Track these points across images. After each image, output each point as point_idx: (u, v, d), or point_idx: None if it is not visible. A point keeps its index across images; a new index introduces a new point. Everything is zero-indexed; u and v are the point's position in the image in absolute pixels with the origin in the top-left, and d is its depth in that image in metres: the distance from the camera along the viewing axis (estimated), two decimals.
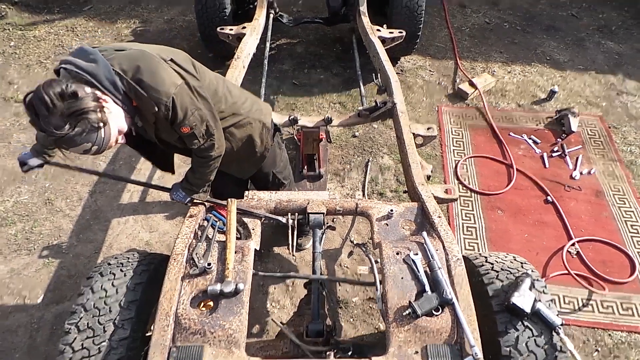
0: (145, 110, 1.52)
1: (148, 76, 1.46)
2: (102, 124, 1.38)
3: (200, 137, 1.67)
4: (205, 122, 1.66)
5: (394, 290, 1.58)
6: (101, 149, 1.43)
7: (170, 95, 1.49)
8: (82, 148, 1.38)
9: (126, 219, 3.01)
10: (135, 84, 1.45)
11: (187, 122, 1.58)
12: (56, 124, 1.29)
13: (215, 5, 3.62)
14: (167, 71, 1.52)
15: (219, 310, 1.51)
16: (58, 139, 1.32)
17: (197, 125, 1.62)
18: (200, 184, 1.87)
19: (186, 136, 1.64)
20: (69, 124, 1.30)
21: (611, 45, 4.58)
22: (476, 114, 3.81)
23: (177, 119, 1.56)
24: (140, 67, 1.46)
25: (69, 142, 1.35)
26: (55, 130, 1.29)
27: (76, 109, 1.31)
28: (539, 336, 1.49)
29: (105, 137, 1.41)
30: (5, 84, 3.99)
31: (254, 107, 1.99)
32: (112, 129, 1.43)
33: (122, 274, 1.60)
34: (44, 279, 2.69)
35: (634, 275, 2.70)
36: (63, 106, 1.29)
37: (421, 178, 2.08)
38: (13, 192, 3.16)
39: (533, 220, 3.00)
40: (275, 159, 2.26)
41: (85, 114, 1.32)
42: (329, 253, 2.83)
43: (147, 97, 1.46)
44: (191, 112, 1.58)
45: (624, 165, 3.38)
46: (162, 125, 1.61)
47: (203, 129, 1.66)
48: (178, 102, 1.52)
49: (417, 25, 3.72)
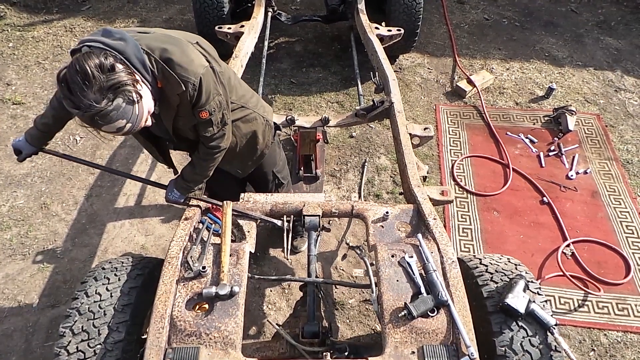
0: (170, 92, 1.49)
1: (177, 55, 1.45)
2: (137, 98, 1.33)
3: (216, 125, 1.65)
4: (222, 110, 1.65)
5: (390, 293, 1.59)
6: (134, 128, 1.37)
7: (199, 75, 1.48)
8: (117, 125, 1.31)
9: (122, 222, 3.02)
10: (163, 63, 1.42)
11: (207, 106, 1.56)
12: (94, 97, 1.23)
13: (214, 4, 3.62)
14: (195, 52, 1.52)
15: (215, 313, 1.52)
16: (95, 114, 1.25)
17: (215, 111, 1.61)
18: (198, 180, 1.84)
19: (203, 122, 1.61)
20: (107, 97, 1.24)
21: (610, 41, 4.56)
22: (474, 112, 3.80)
23: (200, 101, 1.54)
24: (169, 47, 1.45)
25: (105, 118, 1.27)
26: (95, 104, 1.23)
27: (115, 81, 1.26)
28: (533, 336, 1.50)
29: (139, 114, 1.36)
30: (3, 85, 3.98)
31: (259, 104, 2.01)
32: (145, 106, 1.39)
33: (116, 278, 1.60)
34: (39, 283, 2.69)
35: (629, 276, 2.70)
36: (102, 79, 1.23)
37: (417, 179, 2.08)
38: (9, 196, 3.16)
39: (529, 222, 3.00)
40: (275, 158, 2.27)
41: (123, 86, 1.27)
42: (324, 255, 2.84)
43: (175, 77, 1.44)
44: (212, 97, 1.57)
45: (620, 165, 3.38)
46: (184, 109, 1.57)
47: (219, 117, 1.65)
48: (204, 84, 1.51)
49: (415, 23, 3.71)
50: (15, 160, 3.31)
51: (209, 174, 1.85)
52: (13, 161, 3.37)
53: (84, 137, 3.55)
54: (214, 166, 1.83)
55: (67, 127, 3.56)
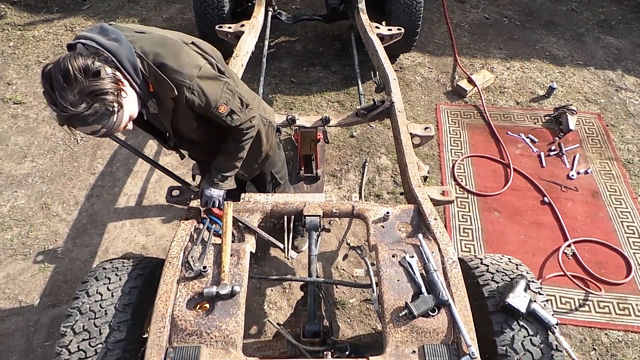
0: (164, 96, 1.47)
1: (170, 59, 1.42)
2: (117, 108, 1.31)
3: (239, 111, 1.63)
4: (237, 94, 1.63)
5: (390, 292, 1.59)
6: (109, 133, 1.36)
7: (194, 78, 1.45)
8: (91, 129, 1.30)
9: (122, 222, 3.02)
10: (156, 68, 1.41)
11: (221, 100, 1.55)
12: (73, 100, 1.21)
13: (214, 3, 3.61)
14: (189, 54, 1.48)
15: (215, 312, 1.52)
16: (70, 116, 1.24)
17: (231, 100, 1.59)
18: (231, 168, 1.82)
19: (226, 115, 1.60)
20: (85, 102, 1.23)
21: (611, 40, 4.56)
22: (474, 112, 3.80)
23: (211, 101, 1.52)
24: (162, 50, 1.43)
25: (79, 121, 1.27)
26: (71, 107, 1.21)
27: (96, 88, 1.24)
28: (534, 335, 1.51)
29: (116, 121, 1.34)
30: (3, 84, 3.98)
31: (261, 105, 2.00)
32: (125, 114, 1.37)
33: (117, 278, 1.61)
34: (39, 283, 2.70)
35: (629, 276, 2.70)
36: (84, 83, 1.22)
37: (418, 179, 2.08)
38: (10, 197, 3.16)
39: (529, 222, 3.00)
40: (275, 159, 2.26)
41: (104, 94, 1.26)
42: (325, 255, 2.84)
43: (168, 81, 1.42)
44: (221, 89, 1.55)
45: (621, 164, 3.37)
46: (181, 110, 1.54)
47: (237, 102, 1.63)
48: (204, 85, 1.49)
49: (415, 22, 3.71)
50: (15, 160, 3.35)
51: (242, 158, 1.82)
52: (14, 161, 3.37)
53: (85, 136, 3.56)
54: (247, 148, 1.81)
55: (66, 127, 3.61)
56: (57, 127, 3.63)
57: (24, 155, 3.42)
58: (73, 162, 3.38)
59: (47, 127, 3.63)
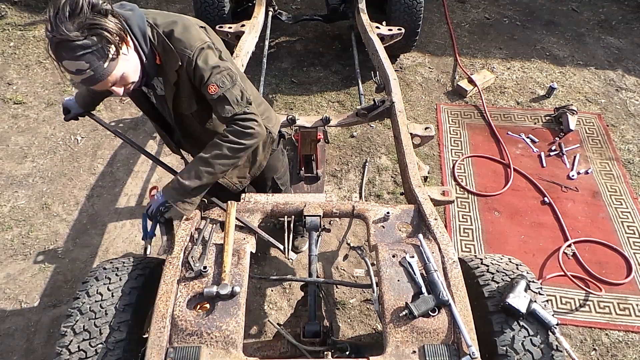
0: (169, 69, 1.46)
1: (179, 31, 1.45)
2: (113, 54, 1.28)
3: (234, 103, 1.46)
4: (239, 86, 1.49)
5: (391, 293, 1.58)
6: (94, 80, 1.29)
7: (195, 49, 1.43)
8: (77, 66, 1.24)
9: (123, 223, 3.02)
10: (165, 37, 1.43)
11: (213, 79, 1.44)
12: (69, 27, 1.18)
13: (214, 4, 3.62)
14: (198, 31, 1.50)
15: (216, 312, 1.52)
16: (60, 41, 1.20)
17: (228, 86, 1.46)
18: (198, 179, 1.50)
19: (215, 100, 1.46)
20: (81, 32, 1.20)
21: (611, 40, 4.56)
22: (474, 112, 3.80)
23: (202, 74, 1.44)
24: (173, 24, 1.46)
25: (67, 51, 1.22)
26: (66, 31, 1.18)
27: (97, 23, 1.22)
28: (534, 336, 1.50)
29: (106, 69, 1.29)
30: (4, 84, 3.99)
31: (265, 113, 1.94)
32: (118, 68, 1.32)
33: (117, 278, 1.60)
34: (40, 283, 2.70)
35: (630, 276, 2.70)
36: (88, 15, 1.20)
37: (418, 179, 2.08)
38: (10, 197, 3.16)
39: (530, 222, 3.00)
40: (277, 165, 2.24)
41: (104, 31, 1.23)
42: (325, 255, 2.84)
43: (174, 51, 1.42)
44: (218, 70, 1.46)
45: (622, 165, 3.37)
46: (184, 88, 1.51)
47: (236, 93, 1.48)
48: (202, 57, 1.44)
49: (416, 22, 3.71)
50: (16, 160, 3.35)
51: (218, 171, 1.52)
52: (14, 161, 3.38)
53: (85, 136, 3.56)
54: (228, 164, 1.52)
55: (68, 127, 3.62)
56: (57, 127, 3.63)
57: (25, 156, 3.42)
58: (73, 162, 3.38)
59: (47, 127, 3.64)
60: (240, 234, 1.80)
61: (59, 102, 3.81)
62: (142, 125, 3.67)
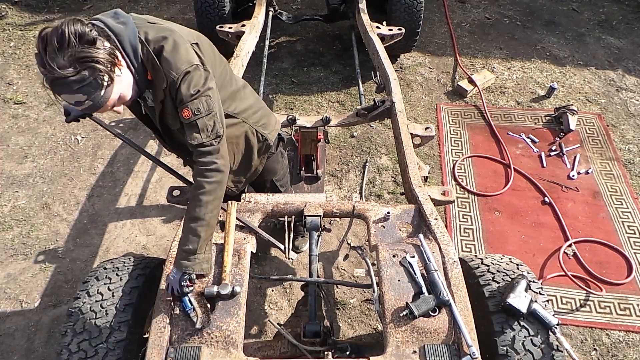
0: (158, 86, 1.48)
1: (169, 50, 1.43)
2: (107, 81, 1.29)
3: (203, 132, 1.48)
4: (213, 117, 1.50)
5: (391, 293, 1.59)
6: (94, 108, 1.32)
7: (181, 72, 1.43)
8: (75, 99, 1.27)
9: (123, 222, 3.02)
10: (154, 55, 1.42)
11: (190, 104, 1.45)
12: (62, 63, 1.20)
13: (215, 4, 3.62)
14: (188, 50, 1.48)
15: (216, 312, 1.52)
16: (56, 79, 1.22)
17: (202, 114, 1.47)
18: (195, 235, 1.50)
19: (187, 124, 1.48)
20: (73, 67, 1.21)
21: (611, 40, 4.56)
22: (475, 112, 3.80)
23: (180, 96, 1.45)
24: (164, 41, 1.44)
25: (63, 87, 1.24)
26: (58, 69, 1.19)
27: (88, 55, 1.22)
28: (535, 336, 1.51)
29: (103, 97, 1.31)
30: (4, 84, 3.99)
31: (261, 120, 1.93)
32: (114, 92, 1.35)
33: (117, 278, 1.61)
34: (40, 283, 2.70)
35: (630, 276, 2.70)
36: (77, 47, 1.21)
37: (418, 179, 2.08)
38: (11, 197, 3.16)
39: (530, 222, 3.00)
40: (275, 168, 2.23)
41: (95, 63, 1.24)
42: (325, 255, 2.84)
43: (162, 71, 1.43)
44: (198, 95, 1.46)
45: (622, 165, 3.37)
46: (168, 106, 1.53)
47: (209, 123, 1.49)
48: (186, 81, 1.44)
49: (416, 22, 3.71)
50: (16, 160, 3.35)
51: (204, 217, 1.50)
52: (15, 161, 3.38)
53: (85, 136, 3.56)
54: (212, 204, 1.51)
55: (68, 127, 3.62)
56: (57, 127, 3.63)
57: (25, 156, 3.42)
58: (74, 162, 3.39)
59: (47, 127, 3.64)
60: (241, 233, 1.80)
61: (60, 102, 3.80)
62: (142, 125, 3.64)
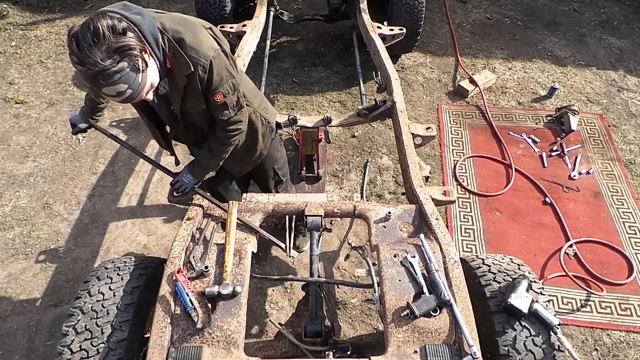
0: (178, 73, 1.52)
1: (189, 36, 1.49)
2: (143, 66, 1.34)
3: (231, 108, 1.68)
4: (237, 93, 1.68)
5: (392, 293, 1.59)
6: (134, 95, 1.37)
7: (209, 58, 1.51)
8: (117, 89, 1.31)
9: (124, 222, 3.02)
10: (175, 43, 1.46)
11: (221, 88, 1.60)
12: (101, 56, 1.23)
13: (216, 4, 3.62)
14: (206, 35, 1.56)
15: (217, 312, 1.52)
16: (98, 72, 1.25)
17: (230, 94, 1.64)
18: (214, 165, 1.89)
19: (218, 105, 1.65)
20: (112, 58, 1.25)
21: (613, 40, 4.55)
22: (476, 112, 3.79)
23: (213, 84, 1.57)
24: (182, 28, 1.49)
25: (107, 78, 1.27)
26: (100, 61, 1.22)
27: (124, 44, 1.26)
28: (536, 336, 1.50)
29: (141, 82, 1.36)
30: (5, 84, 3.99)
31: (262, 105, 2.04)
32: (149, 77, 1.39)
33: (119, 277, 1.61)
34: (41, 283, 2.70)
35: (631, 276, 2.70)
36: (112, 39, 1.24)
37: (419, 179, 2.08)
38: (12, 196, 3.17)
39: (531, 222, 3.00)
40: (276, 156, 2.29)
41: (131, 50, 1.28)
42: (326, 255, 2.84)
43: (185, 57, 1.48)
44: (226, 79, 1.61)
45: (623, 165, 3.37)
46: (193, 90, 1.59)
47: (234, 99, 1.68)
48: (215, 66, 1.54)
49: (417, 22, 3.71)
50: (17, 160, 3.35)
51: (224, 158, 1.88)
52: (16, 161, 3.38)
53: (86, 136, 3.56)
54: (229, 151, 1.87)
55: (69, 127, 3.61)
56: (59, 127, 3.64)
57: (26, 155, 3.43)
58: (75, 162, 3.39)
59: (49, 127, 3.64)
60: (242, 233, 1.80)
61: (61, 101, 3.82)
62: (143, 125, 3.66)
